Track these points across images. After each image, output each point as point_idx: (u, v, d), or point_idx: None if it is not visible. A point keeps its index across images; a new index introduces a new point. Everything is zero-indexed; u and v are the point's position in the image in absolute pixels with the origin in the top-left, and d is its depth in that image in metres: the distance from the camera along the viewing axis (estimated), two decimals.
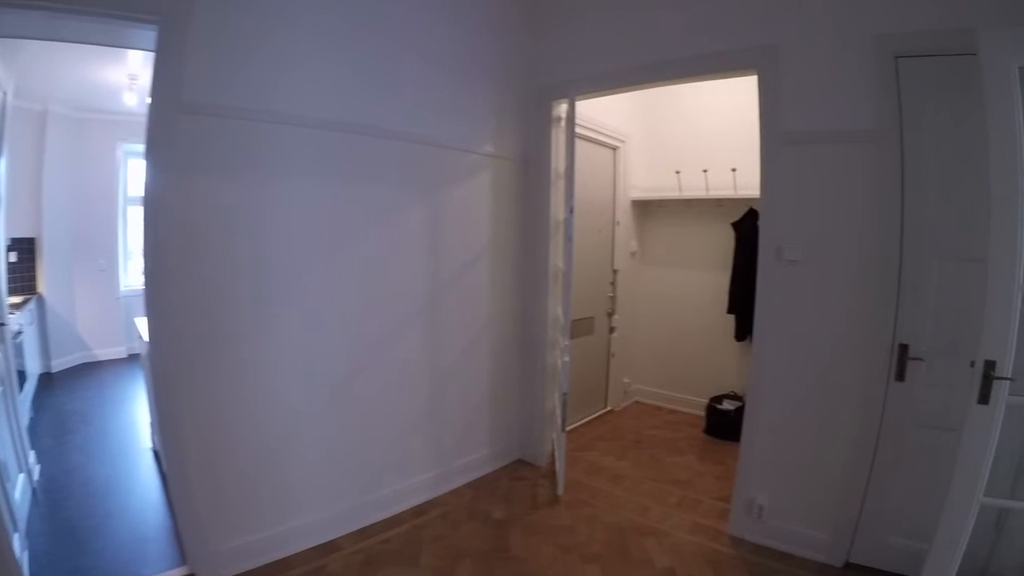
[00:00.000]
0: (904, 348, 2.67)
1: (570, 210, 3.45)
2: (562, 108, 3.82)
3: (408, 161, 3.20)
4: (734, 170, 4.58)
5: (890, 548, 2.76)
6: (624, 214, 5.10)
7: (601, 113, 4.54)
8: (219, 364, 2.58)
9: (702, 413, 4.91)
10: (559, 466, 3.58)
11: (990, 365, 2.17)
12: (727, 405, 4.71)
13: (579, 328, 4.67)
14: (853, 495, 2.80)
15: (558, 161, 3.85)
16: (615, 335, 5.17)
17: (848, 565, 2.84)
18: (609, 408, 5.25)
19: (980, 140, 2.36)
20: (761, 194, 2.98)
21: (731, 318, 4.82)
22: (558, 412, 3.66)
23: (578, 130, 3.81)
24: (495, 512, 3.37)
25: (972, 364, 2.20)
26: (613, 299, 5.11)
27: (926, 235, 2.61)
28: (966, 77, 2.42)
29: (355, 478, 3.13)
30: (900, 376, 2.68)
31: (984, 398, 2.18)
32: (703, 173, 4.82)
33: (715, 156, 4.77)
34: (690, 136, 5.05)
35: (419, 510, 3.37)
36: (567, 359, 3.49)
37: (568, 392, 3.52)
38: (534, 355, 4.00)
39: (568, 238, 3.48)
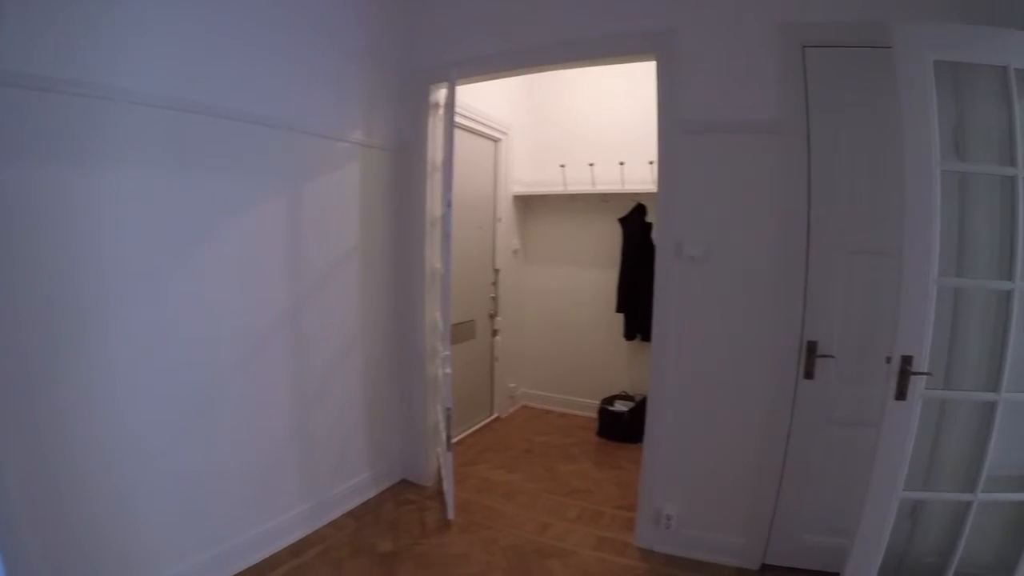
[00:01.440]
0: (812, 345, 2.61)
1: (448, 204, 3.08)
2: (441, 93, 3.47)
3: (266, 148, 2.70)
4: (622, 164, 4.47)
5: (806, 546, 2.73)
6: (506, 210, 4.83)
7: (482, 102, 4.25)
8: (46, 395, 2.00)
9: (594, 415, 4.76)
10: (447, 487, 3.22)
11: (907, 360, 2.13)
12: (619, 406, 4.58)
13: (460, 332, 4.33)
14: (766, 496, 2.73)
15: (435, 151, 3.49)
16: (498, 338, 4.89)
17: (765, 567, 2.78)
18: (496, 415, 4.97)
19: (890, 133, 2.32)
20: (659, 187, 2.82)
21: (620, 317, 4.70)
22: (442, 428, 3.31)
23: (458, 120, 3.48)
24: (381, 544, 2.97)
25: (888, 360, 2.15)
26: (495, 300, 4.83)
27: (834, 229, 2.58)
28: (875, 69, 2.39)
29: (220, 519, 2.61)
30: (809, 374, 2.63)
31: (902, 394, 2.15)
32: (589, 167, 4.67)
33: (602, 149, 4.65)
34: (576, 129, 4.89)
35: (296, 548, 2.90)
36: (448, 370, 3.15)
37: (451, 407, 3.16)
38: (412, 365, 3.62)
39: (446, 236, 3.11)
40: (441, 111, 3.47)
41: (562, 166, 4.78)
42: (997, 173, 2.15)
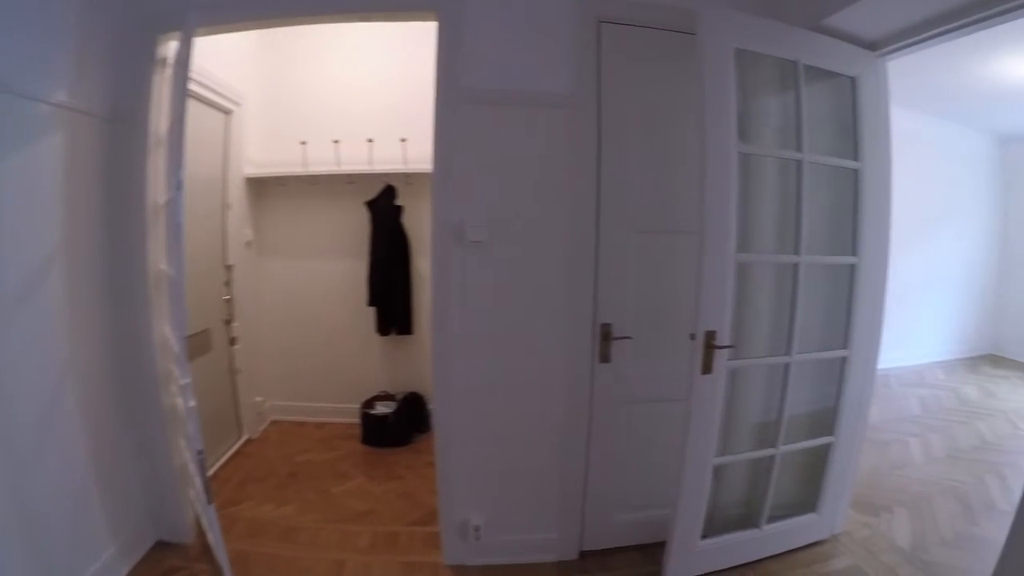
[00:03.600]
0: (607, 328, 2.69)
1: (177, 187, 2.45)
2: (172, 46, 2.82)
3: None
4: (370, 141, 4.21)
5: (619, 525, 2.88)
6: (237, 195, 4.22)
7: (213, 63, 3.58)
8: None
9: (354, 421, 4.46)
10: (214, 542, 2.67)
11: (711, 335, 2.30)
12: (382, 408, 4.37)
13: (193, 345, 3.67)
14: (574, 485, 2.79)
15: (160, 120, 2.85)
16: (238, 347, 4.28)
17: (584, 554, 2.86)
18: (246, 437, 4.35)
19: (681, 115, 2.49)
20: (435, 164, 2.60)
21: (372, 311, 4.48)
22: (195, 474, 2.69)
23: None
24: None
25: (692, 337, 2.31)
26: (230, 303, 4.22)
27: (624, 208, 2.65)
28: (671, 52, 2.53)
29: None
30: (605, 357, 2.70)
31: (708, 368, 2.31)
32: (334, 144, 4.30)
33: (348, 125, 4.30)
34: (319, 101, 4.43)
35: None
36: (192, 403, 2.53)
37: (203, 450, 2.54)
38: (144, 397, 2.91)
39: (175, 227, 2.48)
40: (170, 69, 2.84)
41: (303, 143, 4.32)
42: (786, 157, 2.45)
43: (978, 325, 7.44)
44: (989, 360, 7.38)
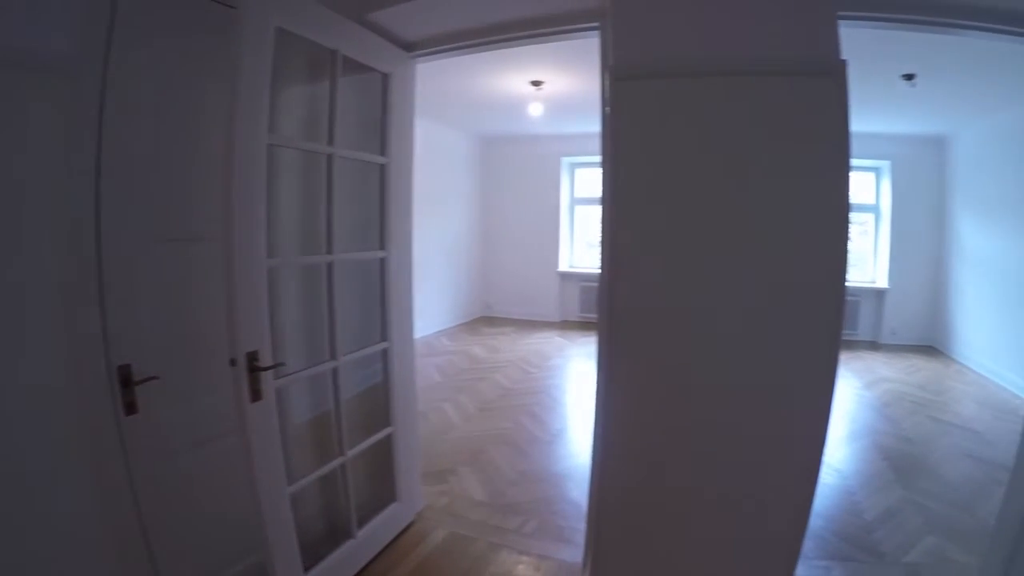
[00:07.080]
0: (126, 370, 2.08)
1: None
2: None
3: None
4: None
5: None
6: None
7: None
8: None
9: None
10: None
11: (253, 356, 2.04)
12: None
13: None
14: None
15: None
16: None
17: None
18: None
19: (214, 101, 2.09)
20: None
21: None
22: None
23: None
24: None
25: (233, 362, 2.01)
26: None
27: (139, 213, 2.08)
28: (204, 25, 2.10)
29: None
30: (132, 407, 2.08)
31: (257, 395, 2.05)
32: None
33: None
34: None
35: None
36: None
37: None
38: None
39: None
40: None
41: None
42: (317, 150, 2.29)
43: (470, 292, 8.82)
44: (484, 321, 8.80)
